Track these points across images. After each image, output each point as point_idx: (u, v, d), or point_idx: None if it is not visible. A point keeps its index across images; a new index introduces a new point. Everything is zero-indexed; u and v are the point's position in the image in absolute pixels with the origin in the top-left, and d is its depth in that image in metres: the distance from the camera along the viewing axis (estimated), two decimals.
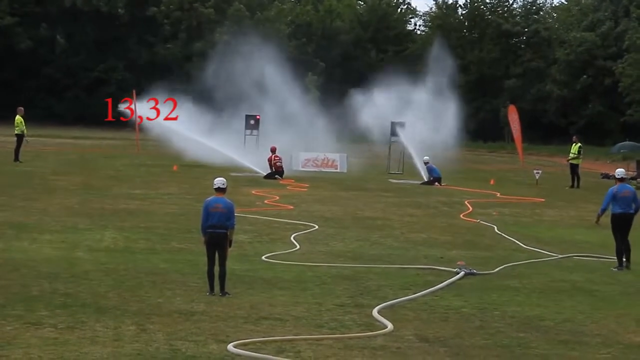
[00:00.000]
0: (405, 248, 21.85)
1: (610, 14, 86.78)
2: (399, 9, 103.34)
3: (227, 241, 15.60)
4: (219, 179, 15.90)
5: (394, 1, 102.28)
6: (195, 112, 43.81)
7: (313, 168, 45.61)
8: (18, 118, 41.58)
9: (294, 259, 19.50)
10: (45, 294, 15.10)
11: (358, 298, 15.90)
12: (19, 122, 41.52)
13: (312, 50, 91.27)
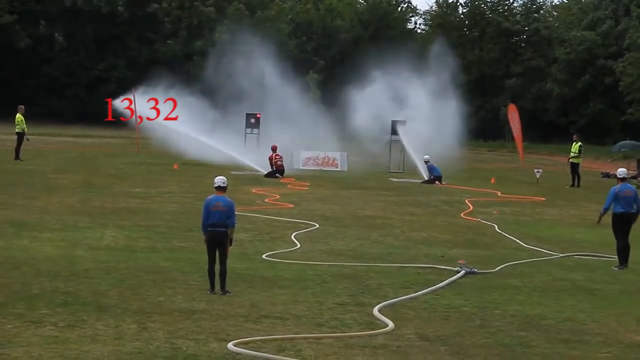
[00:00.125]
0: (405, 247, 21.85)
1: (610, 13, 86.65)
2: (399, 8, 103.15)
3: (228, 240, 15.60)
4: (220, 178, 15.89)
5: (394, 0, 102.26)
6: (195, 111, 43.80)
7: (314, 167, 45.60)
8: (18, 116, 41.54)
9: (295, 258, 19.49)
10: (45, 293, 15.09)
11: (358, 297, 15.89)
12: (20, 121, 41.50)
13: (312, 48, 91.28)
